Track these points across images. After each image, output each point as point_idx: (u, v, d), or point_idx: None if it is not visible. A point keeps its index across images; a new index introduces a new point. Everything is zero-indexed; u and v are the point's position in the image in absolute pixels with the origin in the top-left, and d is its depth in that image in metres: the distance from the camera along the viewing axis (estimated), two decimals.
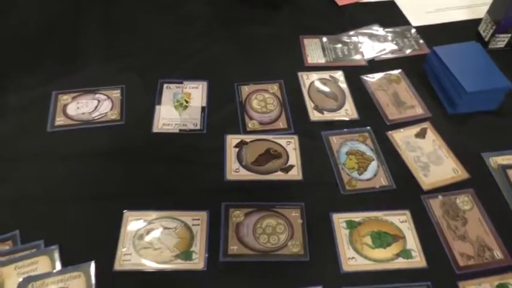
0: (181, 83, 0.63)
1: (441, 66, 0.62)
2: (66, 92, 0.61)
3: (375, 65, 0.68)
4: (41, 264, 0.45)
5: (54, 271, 0.44)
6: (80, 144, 0.56)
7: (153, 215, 0.49)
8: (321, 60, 0.68)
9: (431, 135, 0.58)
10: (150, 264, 0.46)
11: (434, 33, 0.72)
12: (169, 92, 0.62)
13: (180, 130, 0.58)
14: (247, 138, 0.57)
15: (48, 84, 0.61)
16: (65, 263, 0.45)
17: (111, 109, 0.60)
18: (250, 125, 0.59)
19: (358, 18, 0.74)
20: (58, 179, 0.52)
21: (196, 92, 0.62)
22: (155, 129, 0.58)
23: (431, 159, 0.55)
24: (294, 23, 0.73)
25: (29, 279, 0.43)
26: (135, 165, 0.54)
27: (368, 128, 0.59)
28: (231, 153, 0.55)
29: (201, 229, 0.48)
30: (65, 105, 0.60)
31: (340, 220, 0.49)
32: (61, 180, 0.52)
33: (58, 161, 0.54)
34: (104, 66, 0.65)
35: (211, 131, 0.58)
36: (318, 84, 0.64)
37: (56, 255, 0.45)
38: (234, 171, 0.54)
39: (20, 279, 0.43)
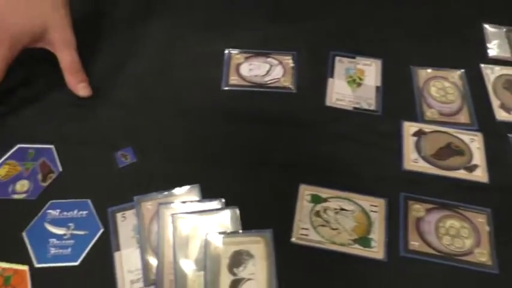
0: (354, 58, 0.60)
1: None
2: (239, 51, 0.61)
3: None
4: (222, 222, 0.45)
5: (236, 232, 0.45)
6: (253, 107, 0.55)
7: (329, 192, 0.48)
8: (507, 54, 0.61)
9: None
10: (327, 243, 0.45)
11: None
12: (341, 65, 0.60)
13: (354, 108, 0.55)
14: (426, 127, 0.53)
15: (222, 41, 0.61)
16: (242, 226, 0.46)
17: (283, 75, 0.58)
18: (429, 113, 0.55)
19: None
20: (233, 140, 0.52)
21: (370, 70, 0.59)
22: (328, 103, 0.56)
23: None
24: (478, 6, 0.66)
25: (212, 235, 0.44)
26: (308, 138, 0.53)
27: None
28: (408, 141, 0.52)
29: (379, 217, 0.46)
30: (238, 65, 0.59)
31: None
32: (236, 141, 0.52)
33: (233, 121, 0.54)
34: (275, 30, 0.63)
35: (387, 113, 0.55)
36: (503, 80, 0.58)
37: (237, 216, 0.46)
38: (413, 161, 0.50)
39: (203, 234, 0.44)
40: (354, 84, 0.58)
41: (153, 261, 0.43)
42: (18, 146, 0.51)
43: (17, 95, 0.54)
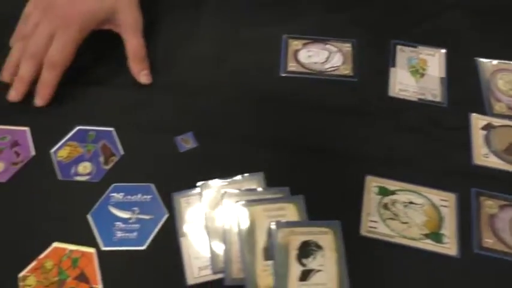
0: (416, 47, 0.59)
1: None
2: (296, 37, 0.59)
3: None
4: (288, 211, 0.44)
5: (303, 221, 0.44)
6: (313, 94, 0.54)
7: (396, 185, 0.46)
8: None
9: None
10: (397, 237, 0.43)
11: None
12: (403, 55, 0.58)
13: (419, 99, 0.54)
14: (495, 121, 0.51)
15: (279, 27, 0.60)
16: (309, 216, 0.45)
17: (343, 63, 0.57)
18: (498, 107, 0.53)
19: None
20: (294, 127, 0.51)
21: (433, 60, 0.57)
22: (391, 93, 0.54)
23: None
24: None
25: (279, 225, 0.43)
26: (372, 128, 0.51)
27: None
28: (477, 135, 0.50)
29: (450, 212, 0.45)
30: (296, 51, 0.58)
31: None
32: (297, 128, 0.51)
33: (293, 108, 0.52)
34: (333, 16, 0.61)
35: (453, 106, 0.53)
36: None
37: (303, 205, 0.44)
38: (483, 156, 0.49)
39: (268, 223, 0.43)
40: (417, 74, 0.56)
41: (220, 248, 0.42)
42: (78, 127, 0.50)
43: (77, 76, 0.54)
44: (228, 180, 0.46)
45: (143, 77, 0.53)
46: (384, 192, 0.46)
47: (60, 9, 0.50)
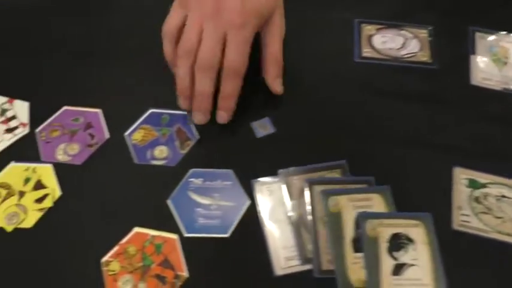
0: (495, 34, 0.56)
1: None
2: (369, 22, 0.57)
3: None
4: (374, 201, 0.42)
5: (392, 213, 0.42)
6: (391, 82, 0.52)
7: (486, 177, 0.44)
8: None
9: None
10: (492, 232, 0.41)
11: None
12: (483, 42, 0.55)
13: (504, 89, 0.51)
14: None
15: (349, 12, 0.57)
16: (397, 207, 0.43)
17: (420, 50, 0.54)
18: None
19: None
20: (375, 115, 0.49)
21: None
22: (473, 82, 0.52)
23: None
24: None
25: (366, 215, 0.41)
26: (455, 117, 0.49)
27: None
28: None
29: None
30: (370, 36, 0.56)
31: None
32: (378, 116, 0.49)
33: (372, 95, 0.50)
34: (406, 1, 0.59)
35: None
36: None
37: (389, 196, 0.43)
38: None
39: (355, 214, 0.42)
40: (499, 63, 0.53)
41: (306, 238, 0.41)
42: (151, 110, 0.49)
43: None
44: (310, 167, 0.45)
45: (279, 85, 0.49)
46: (474, 185, 0.44)
47: (232, 8, 0.44)
